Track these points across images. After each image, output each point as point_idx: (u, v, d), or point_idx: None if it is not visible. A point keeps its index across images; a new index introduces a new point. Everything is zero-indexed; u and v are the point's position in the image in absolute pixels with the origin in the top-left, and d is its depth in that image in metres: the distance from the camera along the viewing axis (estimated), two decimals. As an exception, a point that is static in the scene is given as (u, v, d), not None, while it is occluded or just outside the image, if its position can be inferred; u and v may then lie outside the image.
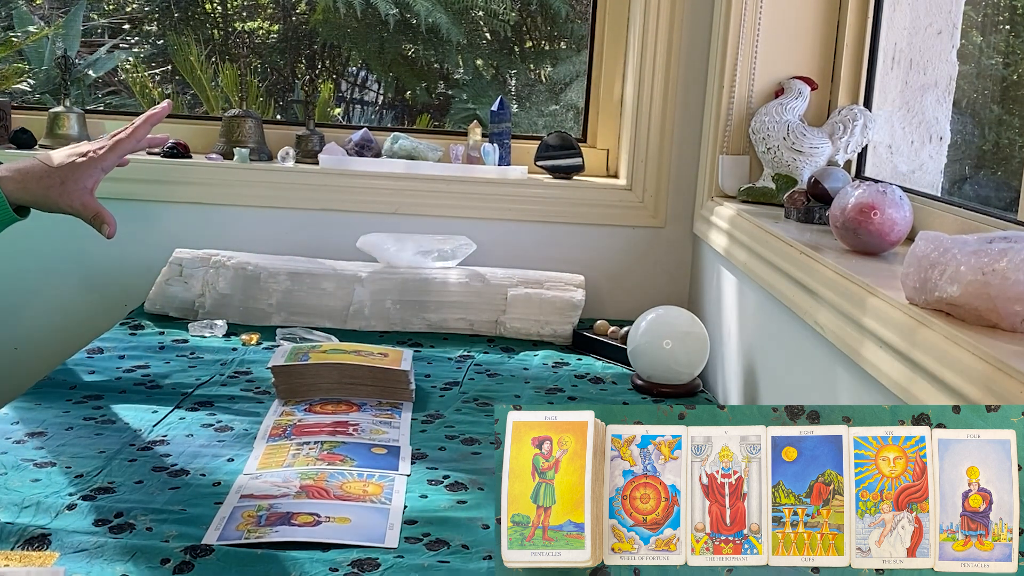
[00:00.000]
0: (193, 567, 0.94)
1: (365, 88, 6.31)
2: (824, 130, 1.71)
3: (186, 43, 5.10)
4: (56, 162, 1.40)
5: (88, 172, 1.41)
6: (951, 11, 1.64)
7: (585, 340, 1.77)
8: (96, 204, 1.41)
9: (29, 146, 1.99)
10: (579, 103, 3.57)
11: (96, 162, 1.41)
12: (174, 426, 1.30)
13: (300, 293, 1.80)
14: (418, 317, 1.81)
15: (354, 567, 0.96)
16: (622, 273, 2.02)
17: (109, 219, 1.41)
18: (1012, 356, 0.80)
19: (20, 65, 4.82)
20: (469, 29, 5.86)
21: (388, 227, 1.95)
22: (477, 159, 2.03)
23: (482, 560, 0.98)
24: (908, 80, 1.68)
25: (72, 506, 1.04)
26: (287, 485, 1.12)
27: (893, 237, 1.26)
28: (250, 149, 2.00)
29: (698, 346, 1.55)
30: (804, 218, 1.56)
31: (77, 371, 1.50)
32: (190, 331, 1.72)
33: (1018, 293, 0.87)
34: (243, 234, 1.96)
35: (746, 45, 1.76)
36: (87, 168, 1.41)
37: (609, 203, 1.99)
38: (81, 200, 1.40)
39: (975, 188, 1.76)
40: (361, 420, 1.34)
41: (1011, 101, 1.82)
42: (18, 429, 1.25)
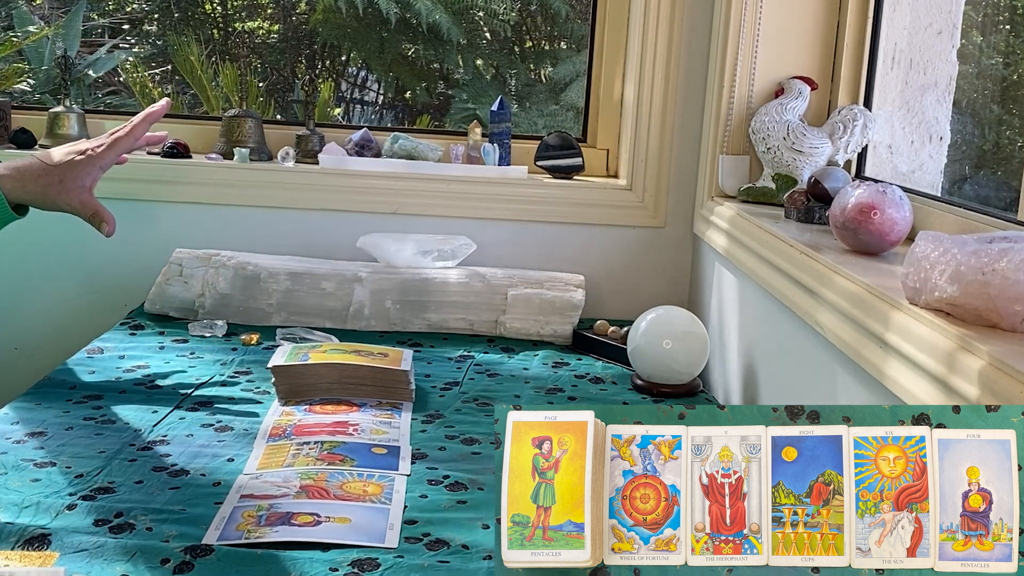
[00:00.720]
0: (193, 567, 0.94)
1: (365, 88, 6.32)
2: (824, 130, 1.71)
3: (186, 43, 5.10)
4: (55, 160, 1.40)
5: (86, 170, 1.41)
6: (951, 11, 1.64)
7: (585, 340, 1.77)
8: (95, 202, 1.41)
9: (29, 146, 1.99)
10: (579, 103, 3.57)
11: (94, 160, 1.41)
12: (174, 426, 1.30)
13: (300, 293, 1.80)
14: (418, 317, 1.81)
15: (354, 567, 0.96)
16: (622, 273, 2.02)
17: (108, 217, 1.41)
18: (1012, 356, 0.80)
19: (20, 65, 4.82)
20: (469, 29, 5.86)
21: (388, 227, 1.95)
22: (477, 159, 2.03)
23: (482, 560, 0.98)
24: (908, 80, 1.68)
25: (72, 506, 1.04)
26: (287, 485, 1.12)
27: (893, 237, 1.26)
28: (250, 149, 2.00)
29: (698, 346, 1.55)
30: (804, 218, 1.56)
31: (77, 371, 1.50)
32: (190, 331, 1.72)
33: (1018, 293, 0.87)
34: (243, 234, 1.96)
35: (746, 45, 1.76)
36: (85, 166, 1.41)
37: (609, 203, 1.99)
38: (80, 198, 1.40)
39: (975, 188, 1.76)
40: (361, 420, 1.34)
41: (1011, 101, 1.82)
42: (18, 429, 1.25)
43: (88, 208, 1.40)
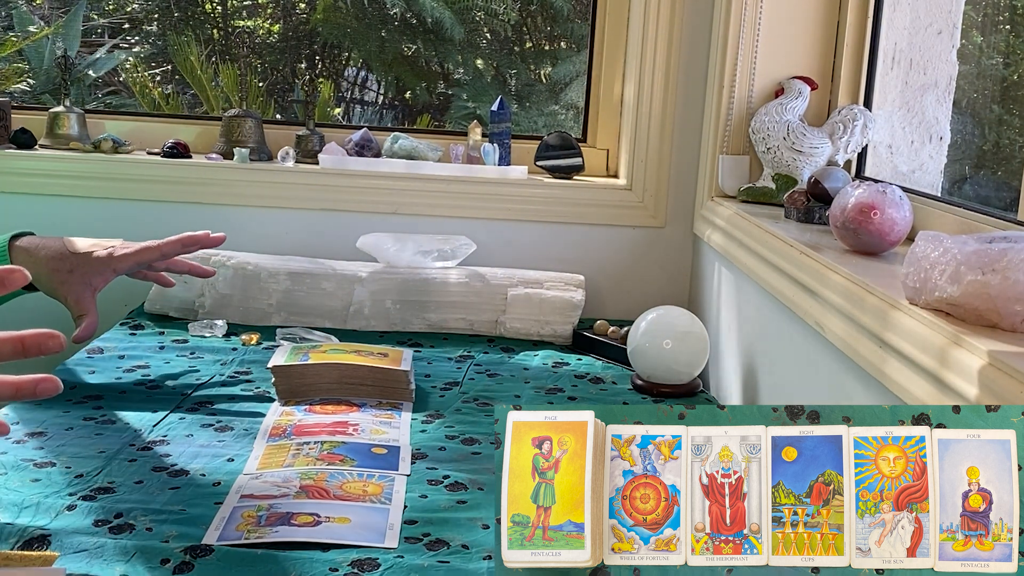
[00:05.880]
0: (193, 567, 0.94)
1: (365, 88, 6.32)
2: (824, 130, 1.71)
3: (186, 43, 5.10)
4: (75, 248, 1.35)
5: (99, 269, 1.35)
6: (951, 11, 1.64)
7: (585, 340, 1.77)
8: (90, 305, 1.35)
9: (29, 146, 1.99)
10: (579, 103, 3.58)
11: (111, 262, 1.36)
12: (174, 426, 1.30)
13: (300, 293, 1.80)
14: (418, 317, 1.81)
15: (354, 567, 0.96)
16: (622, 273, 2.02)
17: (89, 326, 1.34)
18: (1012, 356, 0.80)
19: (20, 65, 4.82)
20: (469, 29, 5.87)
21: (388, 227, 1.95)
22: (477, 159, 2.03)
23: (482, 560, 0.98)
24: (908, 80, 1.68)
25: (72, 506, 1.04)
26: (287, 485, 1.12)
27: (893, 237, 1.26)
28: (250, 149, 2.01)
29: (698, 346, 1.55)
30: (804, 218, 1.56)
31: (77, 371, 1.50)
32: (190, 331, 1.72)
33: (1018, 293, 0.87)
34: (243, 234, 1.96)
35: (746, 45, 1.76)
36: (101, 265, 1.35)
37: (609, 203, 1.99)
38: (78, 295, 1.34)
39: (975, 188, 1.76)
40: (361, 420, 1.34)
41: (1011, 101, 1.82)
42: (18, 429, 1.25)
43: (80, 307, 1.34)
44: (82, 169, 1.96)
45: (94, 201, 1.96)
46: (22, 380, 0.84)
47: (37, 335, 0.85)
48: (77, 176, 1.96)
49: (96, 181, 1.96)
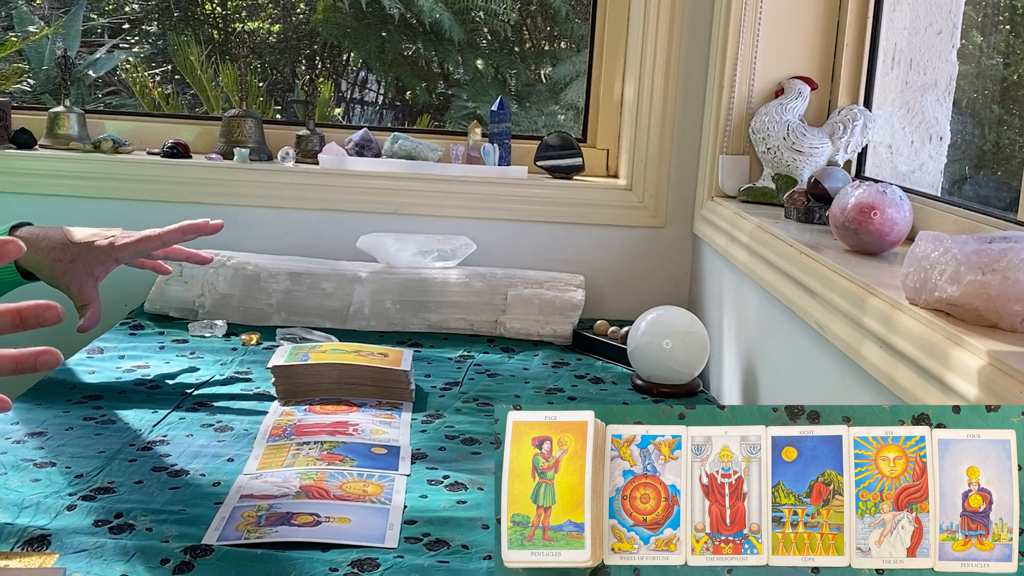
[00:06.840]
0: (193, 567, 0.94)
1: (365, 88, 6.32)
2: (824, 130, 1.71)
3: (186, 43, 5.10)
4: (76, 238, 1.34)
5: (100, 258, 1.35)
6: (951, 11, 1.64)
7: (585, 340, 1.77)
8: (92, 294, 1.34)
9: (29, 146, 1.99)
10: (579, 103, 3.57)
11: (112, 251, 1.35)
12: (174, 426, 1.30)
13: (300, 293, 1.80)
14: (418, 317, 1.81)
15: (354, 567, 0.96)
16: (622, 273, 2.02)
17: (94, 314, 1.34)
18: (1012, 356, 0.80)
19: (20, 65, 4.82)
20: (469, 29, 5.86)
21: (388, 227, 1.95)
22: (477, 159, 2.03)
23: (482, 560, 0.98)
24: (908, 80, 1.68)
25: (72, 506, 1.04)
26: (287, 485, 1.12)
27: (893, 237, 1.26)
28: (250, 149, 2.01)
29: (698, 346, 1.55)
30: (804, 218, 1.56)
31: (77, 371, 1.50)
32: (190, 331, 1.72)
33: (1018, 293, 0.87)
34: (243, 234, 1.96)
35: (746, 45, 1.76)
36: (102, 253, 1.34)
37: (609, 203, 1.99)
38: (80, 284, 1.33)
39: (975, 188, 1.76)
40: (361, 420, 1.34)
41: (1011, 101, 1.82)
42: (18, 429, 1.25)
43: (83, 296, 1.34)
44: (82, 169, 1.96)
45: (94, 201, 1.96)
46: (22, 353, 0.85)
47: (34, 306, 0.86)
48: (77, 176, 1.96)
49: (96, 181, 1.96)
